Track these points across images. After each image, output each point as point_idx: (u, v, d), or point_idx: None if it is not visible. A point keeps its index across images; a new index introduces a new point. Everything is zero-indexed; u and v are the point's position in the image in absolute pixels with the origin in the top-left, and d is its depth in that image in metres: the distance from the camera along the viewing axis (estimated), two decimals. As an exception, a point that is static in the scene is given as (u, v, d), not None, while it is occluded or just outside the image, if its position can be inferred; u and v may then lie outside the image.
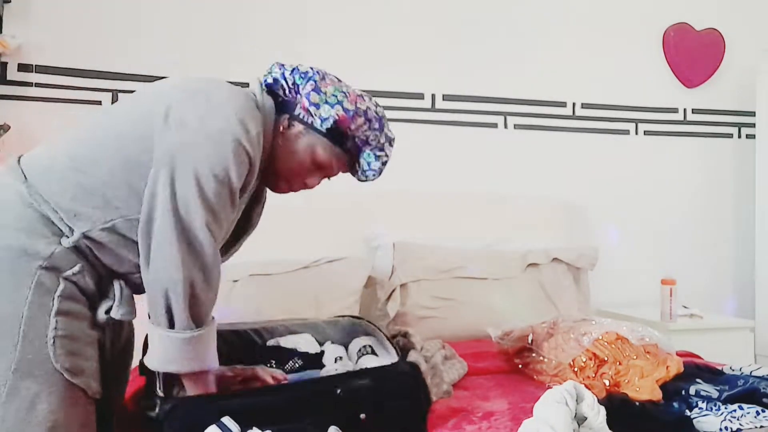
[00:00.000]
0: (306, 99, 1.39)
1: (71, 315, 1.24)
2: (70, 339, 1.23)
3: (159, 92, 1.35)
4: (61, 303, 1.23)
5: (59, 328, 1.22)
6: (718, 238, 3.38)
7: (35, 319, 1.20)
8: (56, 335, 1.21)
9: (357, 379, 1.45)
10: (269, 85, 1.45)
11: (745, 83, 3.35)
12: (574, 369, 1.76)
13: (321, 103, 1.39)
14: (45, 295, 1.22)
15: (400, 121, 2.90)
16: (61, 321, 1.22)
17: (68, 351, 1.22)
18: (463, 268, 2.59)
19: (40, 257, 1.23)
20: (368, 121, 1.44)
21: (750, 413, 1.48)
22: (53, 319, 1.21)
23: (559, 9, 3.15)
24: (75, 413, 1.24)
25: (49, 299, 1.22)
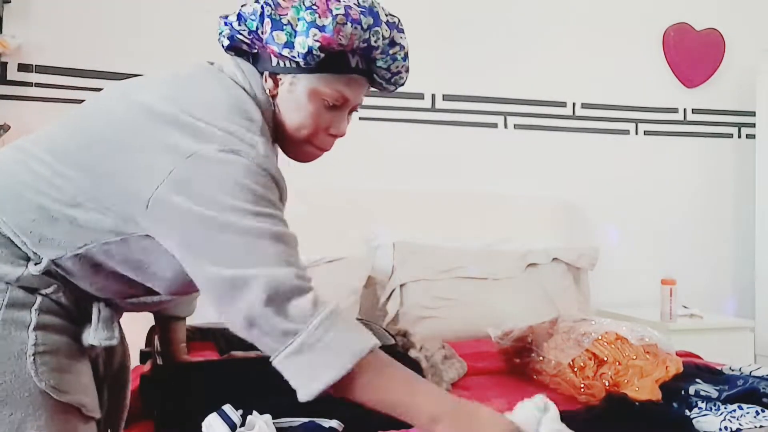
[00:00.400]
0: (273, 45, 1.10)
1: (51, 329, 1.07)
2: (52, 354, 1.06)
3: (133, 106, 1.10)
4: (39, 316, 1.06)
5: (39, 344, 1.05)
6: (718, 238, 3.38)
7: (10, 338, 1.03)
8: (36, 351, 1.04)
9: None
10: (231, 48, 1.20)
11: (745, 83, 3.35)
12: (574, 369, 1.76)
13: (290, 38, 1.09)
14: (20, 310, 1.05)
15: (400, 121, 2.91)
16: (41, 335, 1.05)
17: (52, 367, 1.05)
18: (463, 268, 2.59)
19: (8, 279, 1.06)
20: (356, 21, 1.10)
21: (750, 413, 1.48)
22: (32, 333, 1.04)
23: (558, 9, 3.15)
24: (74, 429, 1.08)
25: (25, 314, 1.05)
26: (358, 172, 2.83)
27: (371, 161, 2.85)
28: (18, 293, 1.06)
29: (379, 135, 2.87)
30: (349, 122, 1.21)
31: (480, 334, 2.22)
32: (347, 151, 2.83)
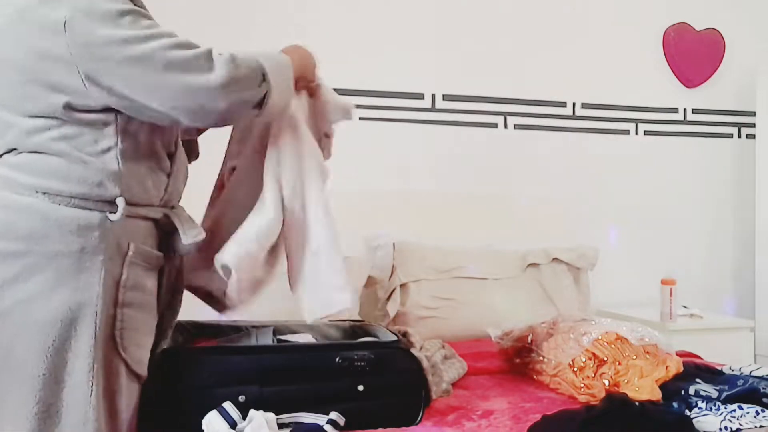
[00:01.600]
0: None
1: (134, 306, 1.28)
2: (134, 331, 1.27)
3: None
4: (125, 294, 1.26)
5: (125, 320, 1.25)
6: (718, 238, 3.38)
7: (105, 315, 1.23)
8: (123, 327, 1.25)
9: (357, 350, 1.47)
10: None
11: (745, 83, 3.35)
12: (574, 369, 1.76)
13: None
14: (112, 286, 1.24)
15: (400, 121, 2.91)
16: (126, 312, 1.26)
17: (132, 342, 1.27)
18: (463, 268, 2.60)
19: (99, 250, 1.23)
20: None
21: (750, 413, 1.48)
22: (119, 311, 1.24)
23: (559, 9, 3.14)
24: (133, 400, 1.30)
25: (114, 291, 1.24)
26: (358, 172, 2.83)
27: (371, 161, 2.85)
28: (111, 270, 1.23)
29: (379, 135, 2.87)
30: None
31: (480, 334, 2.22)
32: (347, 151, 2.85)
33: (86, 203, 1.23)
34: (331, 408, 1.39)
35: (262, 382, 1.40)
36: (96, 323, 1.21)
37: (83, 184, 1.23)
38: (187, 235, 1.36)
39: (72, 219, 1.22)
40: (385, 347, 1.55)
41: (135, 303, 1.28)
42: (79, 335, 1.20)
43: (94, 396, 1.20)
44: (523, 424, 1.48)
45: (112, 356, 1.24)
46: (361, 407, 1.44)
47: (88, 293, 1.21)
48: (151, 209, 1.34)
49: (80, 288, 1.21)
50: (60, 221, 1.21)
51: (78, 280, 1.21)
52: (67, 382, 1.20)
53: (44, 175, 1.22)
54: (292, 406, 1.39)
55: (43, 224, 1.20)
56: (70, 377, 1.20)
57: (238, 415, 1.31)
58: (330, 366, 1.45)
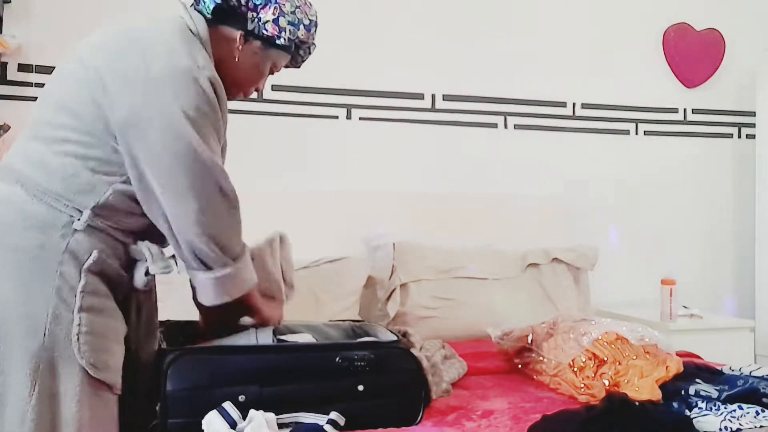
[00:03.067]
0: (274, 25, 1.42)
1: (94, 311, 1.25)
2: (94, 335, 1.23)
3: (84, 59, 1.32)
4: (84, 299, 1.23)
5: (83, 324, 1.22)
6: (718, 238, 3.38)
7: (60, 317, 1.21)
8: (80, 332, 1.21)
9: (357, 350, 1.47)
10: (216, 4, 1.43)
11: (745, 83, 3.35)
12: (574, 369, 1.76)
13: (286, 25, 1.44)
14: (68, 292, 1.22)
15: (400, 121, 2.91)
16: (84, 317, 1.22)
17: (93, 347, 1.23)
18: (463, 268, 2.59)
19: (58, 251, 1.23)
20: (315, 26, 1.53)
21: (750, 413, 1.48)
22: (77, 315, 1.22)
23: (559, 10, 3.15)
24: (101, 410, 1.26)
25: (72, 296, 1.22)
26: (358, 172, 2.83)
27: (371, 161, 2.85)
28: (66, 274, 1.22)
29: (379, 135, 2.87)
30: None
31: (480, 334, 2.22)
32: (348, 151, 2.86)
33: (57, 203, 1.25)
34: (332, 408, 1.39)
35: (263, 381, 1.41)
36: (45, 324, 1.20)
37: (68, 185, 1.26)
38: (155, 265, 1.33)
39: (38, 214, 1.24)
40: (385, 347, 1.55)
41: (96, 308, 1.25)
42: (27, 333, 1.19)
43: (35, 397, 1.18)
44: (523, 424, 1.48)
45: (67, 360, 1.21)
46: (361, 407, 1.44)
47: (41, 293, 1.21)
48: (121, 233, 1.33)
49: (33, 286, 1.21)
50: (27, 214, 1.24)
51: (32, 277, 1.21)
52: (10, 377, 1.19)
53: (38, 165, 1.27)
54: (292, 406, 1.39)
55: (13, 215, 1.24)
56: (13, 373, 1.19)
57: (238, 415, 1.31)
58: (330, 366, 1.45)
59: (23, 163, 1.29)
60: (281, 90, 2.74)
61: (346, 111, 2.84)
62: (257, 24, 1.42)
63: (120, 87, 1.26)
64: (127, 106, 1.25)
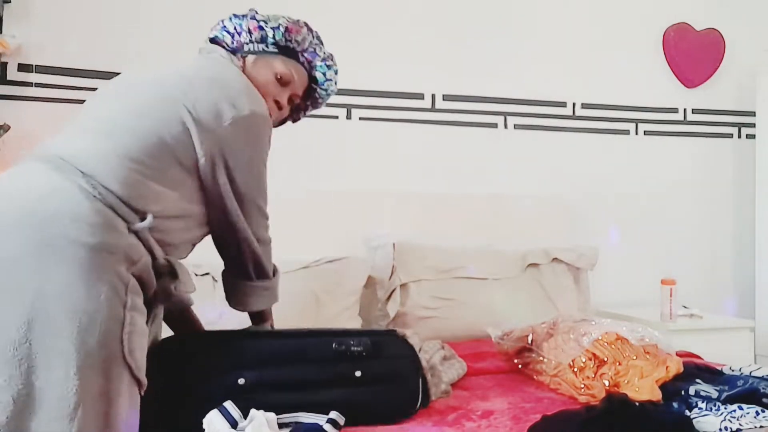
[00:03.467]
0: (254, 29, 1.59)
1: (137, 310, 1.25)
2: (137, 335, 1.24)
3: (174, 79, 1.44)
4: (130, 299, 1.23)
5: (129, 324, 1.22)
6: (718, 238, 3.38)
7: (112, 315, 1.19)
8: (130, 331, 1.21)
9: (355, 336, 1.49)
10: (214, 40, 1.64)
11: (745, 83, 3.35)
12: (574, 369, 1.76)
13: (266, 26, 1.59)
14: (122, 290, 1.22)
15: (400, 121, 2.91)
16: (130, 317, 1.22)
17: (136, 346, 1.24)
18: (463, 268, 2.59)
19: (118, 251, 1.22)
20: (310, 31, 1.64)
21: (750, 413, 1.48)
22: (128, 314, 1.22)
23: (559, 9, 3.15)
24: (136, 407, 1.26)
25: (123, 294, 1.22)
26: (358, 172, 2.83)
27: (371, 161, 2.85)
28: (121, 273, 1.22)
29: (379, 135, 2.87)
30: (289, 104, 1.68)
31: (480, 334, 2.22)
32: (348, 151, 2.86)
33: (118, 203, 1.25)
34: (329, 393, 1.41)
35: (261, 366, 1.41)
36: (101, 322, 1.17)
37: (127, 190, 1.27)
38: (185, 284, 1.39)
39: (99, 213, 1.22)
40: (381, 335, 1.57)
41: (138, 308, 1.26)
42: (82, 329, 1.16)
43: (87, 394, 1.15)
44: (523, 424, 1.48)
45: (116, 359, 1.20)
46: (359, 393, 1.45)
47: (98, 290, 1.18)
48: (159, 246, 1.34)
49: (91, 283, 1.18)
50: (87, 211, 1.21)
51: (90, 274, 1.18)
52: (54, 372, 1.15)
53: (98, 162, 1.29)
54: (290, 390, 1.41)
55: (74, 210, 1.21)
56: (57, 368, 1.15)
57: (239, 415, 1.31)
58: (327, 351, 1.46)
59: (87, 158, 1.27)
60: (281, 90, 2.74)
61: (346, 111, 2.84)
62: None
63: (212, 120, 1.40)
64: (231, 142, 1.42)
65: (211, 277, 2.29)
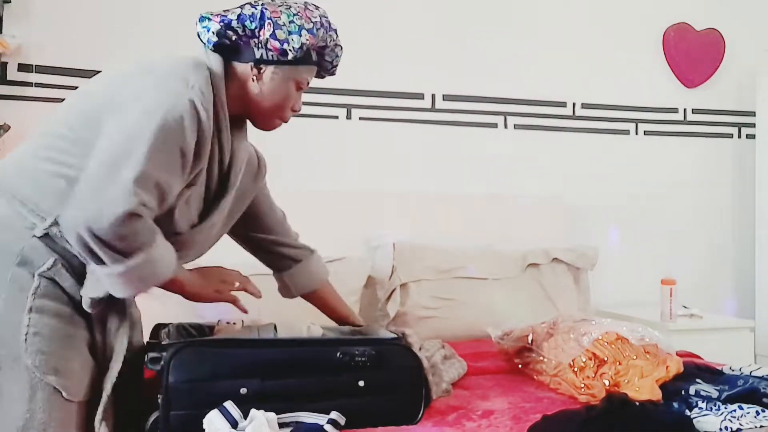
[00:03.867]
0: (274, 41, 1.40)
1: (46, 312, 1.24)
2: (42, 337, 1.23)
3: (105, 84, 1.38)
4: (35, 300, 1.23)
5: (32, 325, 1.22)
6: (718, 238, 3.38)
7: (10, 316, 1.21)
8: (28, 332, 1.21)
9: (358, 346, 1.48)
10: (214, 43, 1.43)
11: (745, 83, 3.35)
12: (574, 369, 1.76)
13: (287, 37, 1.41)
14: (18, 292, 1.23)
15: (400, 121, 2.91)
16: (34, 318, 1.22)
17: (39, 349, 1.22)
18: (463, 268, 2.59)
19: (10, 252, 1.24)
20: (323, 27, 1.46)
21: (750, 413, 1.48)
22: (26, 316, 1.22)
23: (559, 9, 3.15)
24: (51, 414, 1.23)
25: (23, 296, 1.23)
26: (358, 172, 2.83)
27: (371, 161, 2.85)
28: (19, 275, 1.22)
29: (379, 135, 2.87)
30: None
31: (480, 334, 2.22)
32: (348, 151, 2.86)
33: (23, 207, 1.26)
34: (332, 402, 1.40)
35: (264, 375, 1.41)
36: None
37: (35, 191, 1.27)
38: (88, 288, 1.28)
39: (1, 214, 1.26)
40: (385, 344, 1.55)
41: (49, 310, 1.24)
42: None
43: None
44: (523, 424, 1.48)
45: (15, 360, 1.21)
46: (361, 403, 1.45)
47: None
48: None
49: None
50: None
51: None
52: None
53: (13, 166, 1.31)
54: (293, 400, 1.40)
55: None
56: None
57: (239, 415, 1.31)
58: (331, 360, 1.45)
59: (6, 164, 1.32)
60: (281, 90, 2.74)
61: (346, 111, 2.84)
62: (263, 49, 1.41)
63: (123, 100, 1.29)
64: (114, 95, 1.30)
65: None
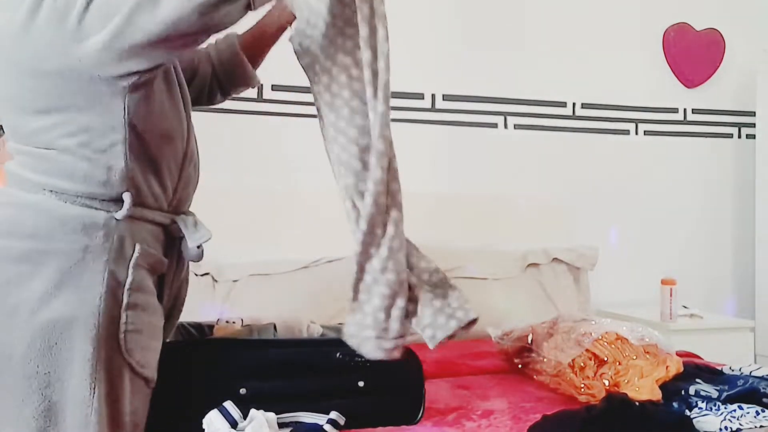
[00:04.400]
0: None
1: (140, 308, 1.25)
2: (138, 333, 1.24)
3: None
4: (130, 296, 1.23)
5: (129, 323, 1.23)
6: (718, 238, 3.38)
7: (111, 318, 1.21)
8: (127, 329, 1.22)
9: None
10: None
11: (745, 83, 3.35)
12: (574, 369, 1.76)
13: None
14: (118, 290, 1.22)
15: (400, 121, 2.91)
16: (131, 315, 1.23)
17: (138, 345, 1.24)
18: (463, 268, 2.59)
19: (104, 250, 1.22)
20: None
21: (750, 413, 1.48)
22: (124, 313, 1.22)
23: (559, 9, 3.14)
24: (144, 405, 1.28)
25: (120, 293, 1.22)
26: (358, 172, 2.83)
27: (371, 161, 2.85)
28: (115, 272, 1.22)
29: (379, 135, 2.86)
30: None
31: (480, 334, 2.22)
32: (347, 151, 2.85)
33: (92, 202, 1.23)
34: (332, 403, 1.40)
35: (264, 376, 1.41)
36: (98, 324, 1.19)
37: (89, 182, 1.22)
38: (192, 239, 1.34)
39: (76, 217, 1.21)
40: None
41: (140, 305, 1.26)
42: (82, 336, 1.19)
43: (95, 398, 1.19)
44: (523, 424, 1.48)
45: (116, 359, 1.22)
46: (361, 403, 1.45)
47: (91, 294, 1.20)
48: (159, 213, 1.32)
49: (83, 288, 1.20)
50: (64, 219, 1.20)
51: (81, 279, 1.20)
52: (69, 383, 1.18)
53: (51, 173, 1.22)
54: (292, 400, 1.40)
55: (48, 222, 1.20)
56: (72, 378, 1.18)
57: (239, 415, 1.31)
58: (331, 361, 1.45)
59: (38, 174, 1.23)
60: (281, 90, 2.74)
61: (346, 111, 2.84)
62: None
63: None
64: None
65: (211, 277, 2.29)
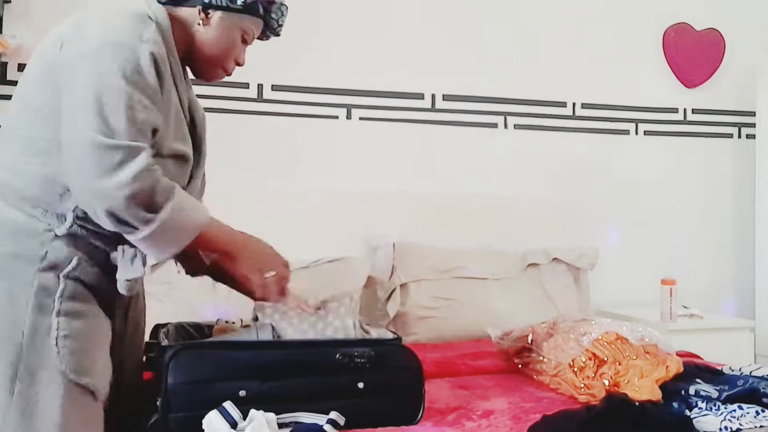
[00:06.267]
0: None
1: (73, 315, 1.24)
2: (74, 339, 1.23)
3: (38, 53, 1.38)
4: (62, 303, 1.22)
5: (62, 329, 1.21)
6: (718, 238, 3.38)
7: (38, 323, 1.20)
8: (59, 336, 1.21)
9: (358, 347, 1.48)
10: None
11: (745, 83, 3.35)
12: (574, 369, 1.76)
13: None
14: (46, 297, 1.22)
15: (400, 121, 2.91)
16: (63, 321, 1.22)
17: (72, 350, 1.22)
18: (463, 268, 2.60)
19: (36, 259, 1.22)
20: None
21: (750, 413, 1.48)
22: (55, 319, 1.21)
23: (559, 9, 3.14)
24: (82, 415, 1.24)
25: (50, 301, 1.22)
26: (358, 172, 2.83)
27: (371, 161, 2.85)
28: (45, 280, 1.21)
29: (379, 135, 2.87)
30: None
31: (480, 334, 2.22)
32: (347, 151, 2.86)
33: (34, 211, 1.24)
34: (331, 404, 1.40)
35: (263, 377, 1.41)
36: (24, 330, 1.19)
37: (43, 189, 1.24)
38: (121, 272, 1.27)
39: (10, 222, 1.23)
40: (385, 345, 1.55)
41: (76, 312, 1.24)
42: (7, 338, 1.19)
43: (14, 401, 1.18)
44: (523, 424, 1.48)
45: (46, 364, 1.20)
46: (361, 404, 1.45)
47: (21, 299, 1.20)
48: (102, 239, 1.28)
49: (14, 293, 1.20)
50: (1, 223, 1.23)
51: (12, 284, 1.21)
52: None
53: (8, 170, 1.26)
54: (292, 402, 1.40)
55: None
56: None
57: (239, 415, 1.31)
58: (330, 362, 1.45)
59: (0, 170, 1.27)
60: (281, 90, 2.74)
61: (346, 111, 2.84)
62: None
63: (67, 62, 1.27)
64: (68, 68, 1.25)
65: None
